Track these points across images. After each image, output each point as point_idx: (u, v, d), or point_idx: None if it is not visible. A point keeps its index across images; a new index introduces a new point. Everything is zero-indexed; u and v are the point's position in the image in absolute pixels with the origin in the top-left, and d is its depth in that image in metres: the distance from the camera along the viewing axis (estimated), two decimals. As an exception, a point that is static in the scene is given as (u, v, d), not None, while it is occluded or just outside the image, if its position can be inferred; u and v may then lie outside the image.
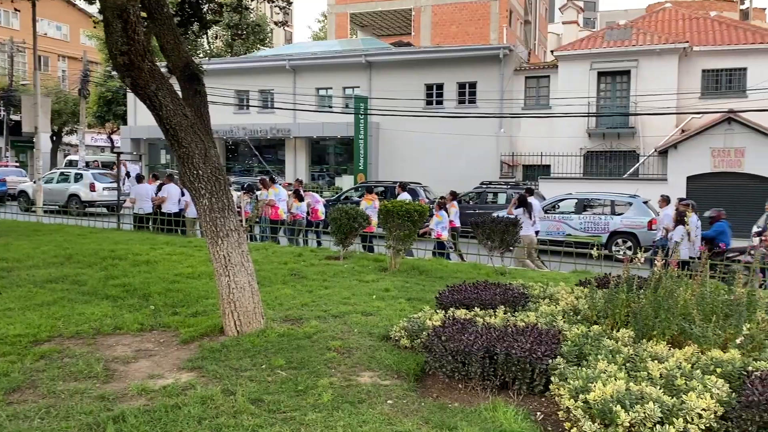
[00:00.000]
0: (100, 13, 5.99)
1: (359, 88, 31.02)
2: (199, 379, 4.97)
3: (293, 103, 30.19)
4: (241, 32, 39.32)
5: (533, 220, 13.30)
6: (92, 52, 43.61)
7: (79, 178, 23.80)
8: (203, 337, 6.10)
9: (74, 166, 31.11)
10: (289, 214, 14.84)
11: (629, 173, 25.55)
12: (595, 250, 6.73)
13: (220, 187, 6.01)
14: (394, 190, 17.81)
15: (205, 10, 8.77)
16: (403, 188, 16.00)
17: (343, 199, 20.74)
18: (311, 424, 4.11)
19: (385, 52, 31.54)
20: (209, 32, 33.67)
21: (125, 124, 37.49)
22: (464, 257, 13.38)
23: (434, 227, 13.16)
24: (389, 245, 10.08)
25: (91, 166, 30.77)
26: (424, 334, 5.53)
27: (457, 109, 28.99)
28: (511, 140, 28.63)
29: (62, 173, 25.03)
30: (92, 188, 23.09)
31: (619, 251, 16.19)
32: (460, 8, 37.18)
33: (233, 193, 15.18)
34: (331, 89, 32.03)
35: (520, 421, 4.18)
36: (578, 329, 5.50)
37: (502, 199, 21.51)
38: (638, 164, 25.83)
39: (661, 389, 4.17)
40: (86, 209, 21.43)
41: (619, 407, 3.87)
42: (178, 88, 6.24)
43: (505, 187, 22.54)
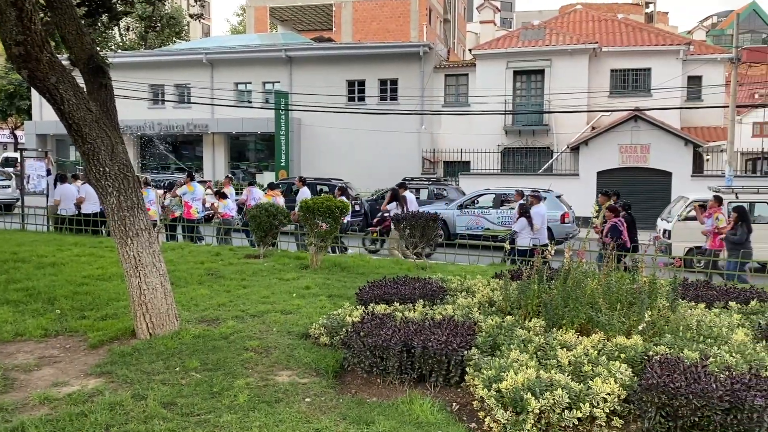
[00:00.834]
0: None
1: (279, 83, 30.62)
2: (107, 384, 4.76)
3: (211, 98, 29.43)
4: (154, 24, 37.93)
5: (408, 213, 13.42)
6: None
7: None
8: (113, 341, 5.85)
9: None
10: (205, 212, 14.47)
11: (544, 169, 26.48)
12: (507, 243, 6.91)
13: (128, 184, 5.76)
14: (297, 186, 17.31)
15: (114, 0, 8.37)
16: (303, 183, 15.81)
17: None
18: (226, 425, 4.02)
19: (305, 47, 31.25)
20: (121, 24, 32.30)
21: (30, 118, 35.40)
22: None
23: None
24: (310, 242, 10.00)
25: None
26: (343, 330, 5.52)
27: (379, 105, 29.12)
28: (432, 137, 29.05)
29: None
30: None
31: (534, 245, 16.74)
32: (380, 5, 37.34)
33: (155, 191, 14.66)
34: (250, 84, 31.44)
35: (435, 412, 4.24)
36: (493, 320, 5.65)
37: (424, 195, 21.80)
38: (552, 160, 26.81)
39: (569, 376, 4.34)
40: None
41: (529, 395, 4.00)
42: (82, 81, 5.93)
43: (426, 183, 22.87)
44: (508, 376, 4.19)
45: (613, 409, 4.13)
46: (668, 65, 26.97)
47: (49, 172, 17.19)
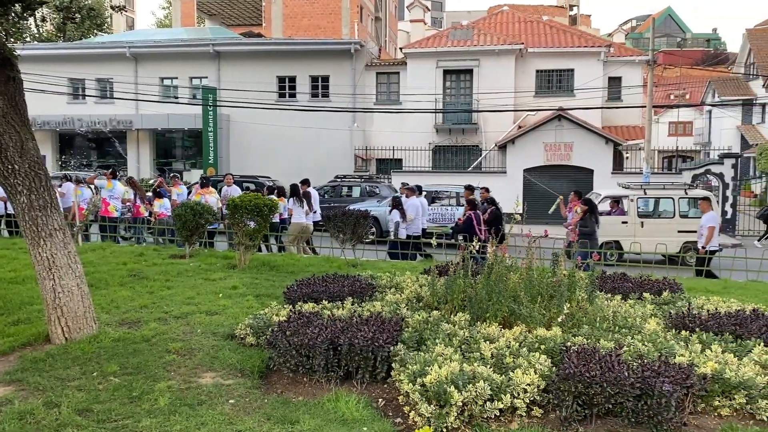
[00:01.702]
0: None
1: (207, 78, 29.90)
2: (18, 392, 4.52)
3: (135, 93, 28.41)
4: (73, 15, 36.24)
5: (311, 209, 13.47)
6: None
7: None
8: (26, 347, 5.57)
9: None
10: (127, 210, 13.99)
11: (473, 166, 27.00)
12: (434, 239, 7.02)
13: (40, 183, 5.49)
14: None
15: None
16: (232, 180, 15.56)
17: None
18: (145, 430, 3.90)
19: (234, 42, 30.64)
20: (36, 14, 30.72)
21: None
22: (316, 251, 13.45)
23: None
24: (238, 241, 9.82)
25: None
26: (269, 330, 5.45)
27: (310, 102, 28.91)
28: (364, 134, 29.10)
29: None
30: None
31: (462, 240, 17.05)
32: (311, 1, 37.04)
33: (88, 188, 14.02)
34: (176, 79, 30.53)
35: (361, 409, 4.25)
36: (419, 316, 5.72)
37: (356, 192, 21.83)
38: (481, 158, 27.38)
39: (491, 368, 4.45)
40: None
41: (452, 388, 4.06)
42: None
43: (359, 180, 22.89)
44: (432, 370, 4.25)
45: (533, 399, 4.26)
46: (590, 66, 28.01)
47: None
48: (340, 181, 22.09)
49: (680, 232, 14.39)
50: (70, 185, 14.06)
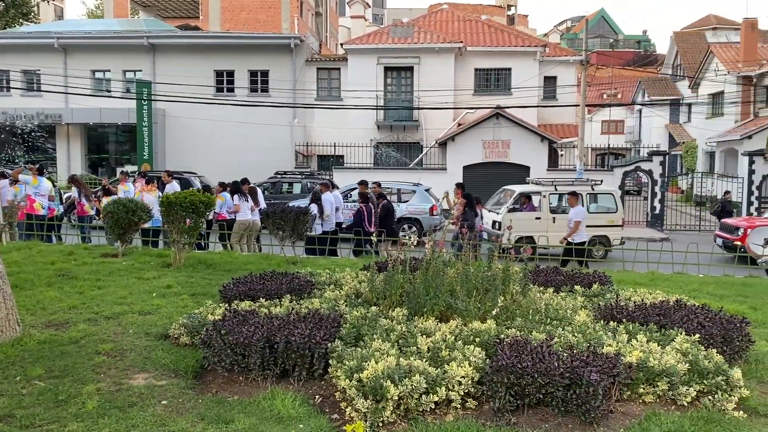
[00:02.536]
0: None
1: (142, 71, 29.02)
2: (-68, 401, 4.29)
3: (65, 86, 27.28)
4: (-4, 3, 34.48)
5: (257, 205, 13.49)
6: None
7: None
8: (-58, 352, 5.27)
9: None
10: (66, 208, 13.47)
11: (414, 163, 27.21)
12: (374, 236, 7.04)
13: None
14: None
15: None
16: (171, 177, 15.18)
17: None
18: (71, 436, 3.77)
19: (170, 34, 29.82)
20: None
21: None
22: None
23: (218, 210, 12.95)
24: (173, 239, 9.58)
25: None
26: (204, 329, 5.34)
27: (249, 97, 28.46)
28: (305, 130, 28.88)
29: None
30: None
31: (405, 236, 17.17)
32: (250, -5, 36.42)
33: (48, 181, 13.37)
34: (109, 72, 29.51)
35: (297, 406, 4.23)
36: (358, 312, 5.73)
37: (297, 188, 21.65)
38: (422, 155, 27.62)
39: (427, 362, 4.50)
40: None
41: (389, 382, 4.09)
42: None
43: (299, 177, 22.71)
44: (369, 365, 4.26)
45: (467, 391, 4.33)
46: (527, 66, 28.66)
47: None
48: (280, 177, 21.85)
49: (588, 227, 14.89)
50: (5, 182, 13.37)
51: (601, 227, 15.18)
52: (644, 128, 45.08)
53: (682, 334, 5.21)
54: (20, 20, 40.35)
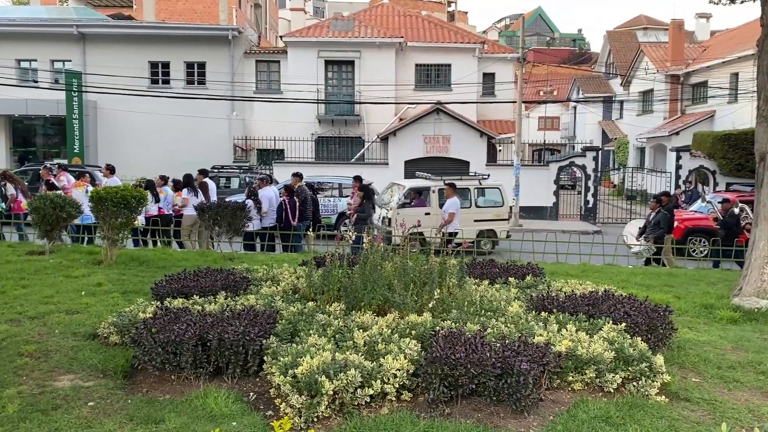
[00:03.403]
0: None
1: (71, 62, 27.86)
2: None
3: (-13, 75, 25.89)
4: None
5: (208, 200, 13.24)
6: None
7: None
8: None
9: None
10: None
11: (356, 158, 27.18)
12: (310, 231, 6.99)
13: None
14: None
15: None
16: (111, 172, 14.68)
17: None
18: (-11, 442, 3.60)
19: (101, 24, 28.72)
20: None
21: None
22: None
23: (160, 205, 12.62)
24: (104, 235, 9.26)
25: None
26: (134, 328, 5.19)
27: (186, 89, 27.73)
28: (244, 123, 28.40)
29: None
30: None
31: (347, 231, 17.13)
32: (186, -16, 35.47)
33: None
34: (36, 62, 28.20)
35: (231, 404, 4.17)
36: (294, 307, 5.69)
37: (235, 183, 21.29)
38: (363, 150, 27.61)
39: (363, 356, 4.51)
40: None
41: (324, 377, 4.08)
42: None
43: (237, 171, 22.34)
44: (304, 361, 4.24)
45: (402, 383, 4.37)
46: (466, 62, 29.02)
47: None
48: (217, 171, 21.43)
49: (476, 221, 15.23)
50: None
51: (488, 221, 15.51)
52: (579, 124, 46.44)
53: (609, 323, 5.39)
54: (-63, 5, 37.98)
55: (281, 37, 32.10)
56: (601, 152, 26.95)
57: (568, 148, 45.62)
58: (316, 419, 3.98)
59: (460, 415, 4.15)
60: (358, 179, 13.90)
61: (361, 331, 4.99)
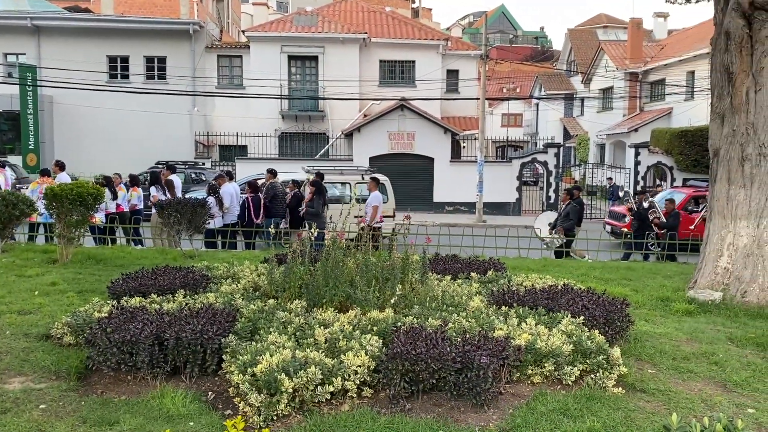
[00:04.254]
0: None
1: (25, 55, 27.05)
2: None
3: (-64, 68, 24.97)
4: None
5: (174, 197, 13.11)
6: None
7: None
8: None
9: None
10: None
11: (320, 154, 27.05)
12: (272, 228, 6.93)
13: None
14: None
15: None
16: (61, 168, 14.31)
17: None
18: (-68, 449, 3.46)
19: (57, 16, 28.00)
20: None
21: None
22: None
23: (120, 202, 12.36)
24: (59, 233, 9.02)
25: None
26: (89, 328, 5.06)
27: (146, 84, 27.22)
28: (206, 119, 28.00)
29: None
30: None
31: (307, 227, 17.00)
32: (146, -23, 34.78)
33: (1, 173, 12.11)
34: (-12, 54, 27.34)
35: (188, 403, 4.10)
36: (255, 305, 5.61)
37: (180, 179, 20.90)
38: (328, 146, 27.49)
39: (323, 353, 4.48)
40: None
41: (283, 375, 4.04)
42: None
43: (183, 167, 21.86)
44: (263, 359, 4.19)
45: (363, 380, 4.35)
46: (430, 59, 29.13)
47: None
48: (161, 168, 21.01)
49: (356, 217, 15.07)
50: None
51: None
52: (541, 121, 47.06)
53: (568, 316, 5.47)
54: None
55: (244, 31, 31.76)
56: (562, 149, 27.37)
57: (530, 144, 46.25)
58: (275, 418, 3.94)
59: (420, 410, 4.16)
60: (319, 175, 13.75)
61: (322, 328, 4.95)
